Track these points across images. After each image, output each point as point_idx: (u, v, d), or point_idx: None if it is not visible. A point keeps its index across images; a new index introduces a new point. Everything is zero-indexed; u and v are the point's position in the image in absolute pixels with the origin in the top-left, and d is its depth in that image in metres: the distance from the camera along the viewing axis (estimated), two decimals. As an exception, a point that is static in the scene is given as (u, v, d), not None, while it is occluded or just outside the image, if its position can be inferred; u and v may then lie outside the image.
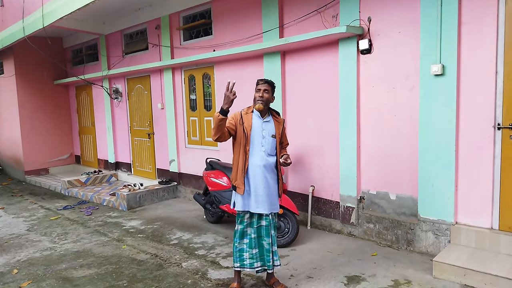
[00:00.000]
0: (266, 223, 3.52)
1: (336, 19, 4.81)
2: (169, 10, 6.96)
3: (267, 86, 3.47)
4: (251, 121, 3.47)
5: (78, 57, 10.09)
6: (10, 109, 10.23)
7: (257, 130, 3.46)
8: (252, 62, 5.89)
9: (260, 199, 3.45)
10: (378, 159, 4.65)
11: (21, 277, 4.17)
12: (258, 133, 3.46)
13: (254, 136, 3.45)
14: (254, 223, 3.53)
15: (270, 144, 3.49)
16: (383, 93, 4.53)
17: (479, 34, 3.78)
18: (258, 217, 3.53)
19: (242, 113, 3.53)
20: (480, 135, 3.86)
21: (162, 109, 7.63)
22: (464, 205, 4.02)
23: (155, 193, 7.20)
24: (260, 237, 3.56)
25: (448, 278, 3.62)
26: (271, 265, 3.55)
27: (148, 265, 4.34)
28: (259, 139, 3.46)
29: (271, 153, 3.51)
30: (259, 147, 3.46)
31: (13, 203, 7.66)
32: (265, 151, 3.47)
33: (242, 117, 3.49)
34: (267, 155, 3.47)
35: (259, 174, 3.45)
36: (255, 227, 3.54)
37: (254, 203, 3.46)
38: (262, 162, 3.45)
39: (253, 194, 3.45)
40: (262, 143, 3.46)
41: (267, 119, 3.52)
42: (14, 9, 8.72)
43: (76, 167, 10.64)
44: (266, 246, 3.53)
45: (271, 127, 3.52)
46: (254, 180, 3.45)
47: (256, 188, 3.45)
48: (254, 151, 3.46)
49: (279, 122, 3.59)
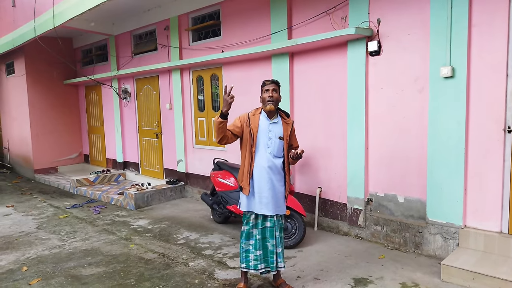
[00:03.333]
0: (270, 224, 3.52)
1: (345, 21, 4.81)
2: (178, 11, 7.01)
3: (275, 85, 3.46)
4: (258, 122, 3.47)
5: (88, 57, 10.19)
6: (21, 108, 10.36)
7: (263, 131, 3.45)
8: (260, 63, 5.90)
9: (265, 200, 3.44)
10: (386, 161, 4.63)
11: (30, 274, 4.22)
12: (265, 134, 3.45)
13: (260, 137, 3.45)
14: (259, 224, 3.53)
15: (277, 146, 3.47)
16: (392, 95, 4.51)
17: (490, 36, 3.75)
18: (263, 218, 3.52)
19: (250, 115, 3.53)
20: (490, 137, 3.83)
21: (170, 109, 7.67)
22: (473, 208, 3.99)
23: (163, 192, 7.23)
24: (264, 238, 3.55)
25: (456, 282, 3.60)
26: (274, 266, 3.54)
27: (155, 264, 4.37)
28: (265, 140, 3.45)
29: (278, 155, 3.49)
30: (265, 149, 3.45)
31: (23, 201, 7.75)
32: (271, 152, 3.45)
33: (250, 119, 3.49)
34: (273, 157, 3.45)
35: (264, 175, 3.44)
36: (260, 228, 3.53)
37: (258, 204, 3.46)
38: (267, 164, 3.44)
39: (258, 195, 3.45)
40: (268, 144, 3.45)
41: (274, 121, 3.50)
42: (25, 9, 8.83)
43: (85, 166, 10.74)
44: (270, 248, 3.53)
45: (279, 128, 3.49)
46: (259, 181, 3.45)
47: (261, 189, 3.44)
48: (260, 152, 3.45)
49: (288, 123, 3.56)
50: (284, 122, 3.55)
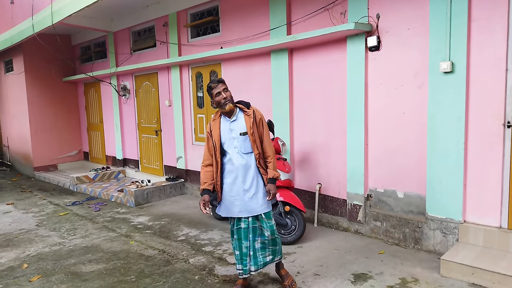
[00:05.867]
0: (244, 225, 3.45)
1: (344, 16, 4.79)
2: (177, 7, 6.98)
3: (222, 84, 3.37)
4: (219, 126, 3.44)
5: (87, 54, 10.16)
6: (20, 105, 10.34)
7: (226, 133, 3.41)
8: (259, 59, 5.89)
9: (237, 202, 3.40)
10: (386, 156, 4.63)
11: (31, 271, 4.23)
12: (229, 135, 3.41)
13: (225, 140, 3.41)
14: (235, 225, 3.50)
15: (242, 142, 3.39)
16: (391, 90, 4.51)
17: (490, 31, 3.73)
18: (237, 219, 3.48)
19: (211, 122, 3.50)
20: (489, 133, 3.83)
21: (169, 106, 7.66)
22: (473, 204, 3.99)
23: (163, 189, 7.24)
24: (239, 239, 3.49)
25: (456, 277, 3.60)
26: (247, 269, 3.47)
27: (155, 260, 4.38)
28: (230, 141, 3.40)
29: (246, 151, 3.41)
30: (233, 149, 3.41)
31: (23, 198, 7.76)
32: (239, 151, 3.40)
33: (211, 127, 3.47)
34: (242, 154, 3.40)
35: (236, 176, 3.40)
36: (235, 229, 3.50)
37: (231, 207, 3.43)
38: (239, 162, 3.39)
39: (229, 198, 3.43)
40: (234, 144, 3.40)
41: (234, 118, 3.43)
42: (24, 6, 8.79)
43: (85, 164, 10.74)
44: (244, 250, 3.47)
45: (240, 124, 3.41)
46: (230, 183, 3.42)
47: (232, 191, 3.41)
48: (231, 153, 3.42)
49: (248, 115, 3.42)
50: (245, 114, 3.43)
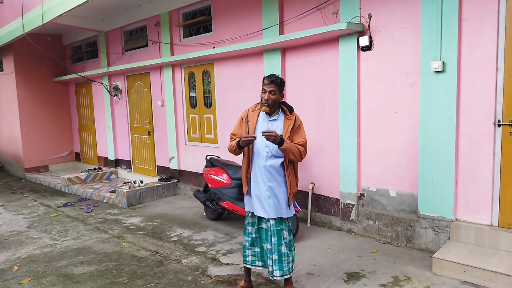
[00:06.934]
0: (266, 227, 3.37)
1: (336, 16, 4.80)
2: (169, 7, 6.95)
3: (273, 86, 3.20)
4: (256, 119, 3.32)
5: (78, 54, 10.07)
6: (10, 106, 10.21)
7: (262, 129, 3.24)
8: (252, 59, 5.88)
9: (258, 201, 3.32)
10: (378, 155, 4.65)
11: (21, 274, 4.18)
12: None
13: (258, 136, 3.22)
14: (255, 224, 3.45)
15: (276, 145, 3.20)
16: (383, 89, 4.53)
17: (480, 30, 3.77)
18: (258, 218, 3.43)
19: (249, 110, 3.39)
20: (480, 131, 3.86)
21: (162, 106, 7.62)
22: (464, 202, 4.03)
23: (155, 190, 7.20)
24: (261, 238, 3.46)
25: (447, 275, 3.63)
26: (271, 271, 3.35)
27: (148, 262, 4.35)
28: (263, 139, 3.17)
29: (277, 155, 3.26)
30: (263, 148, 3.26)
31: (13, 200, 7.66)
32: (270, 152, 3.25)
33: (248, 115, 3.36)
34: (271, 157, 3.26)
35: (262, 177, 3.28)
36: (256, 227, 3.45)
37: (255, 205, 3.36)
38: (265, 164, 3.26)
39: (255, 196, 3.35)
40: (266, 143, 3.23)
41: (274, 117, 3.31)
42: (14, 6, 8.69)
43: (76, 165, 10.64)
44: (265, 249, 3.42)
45: (279, 126, 3.28)
46: (257, 182, 3.33)
47: (258, 190, 3.32)
48: (259, 151, 3.28)
49: (289, 119, 3.29)
50: (286, 118, 3.30)
